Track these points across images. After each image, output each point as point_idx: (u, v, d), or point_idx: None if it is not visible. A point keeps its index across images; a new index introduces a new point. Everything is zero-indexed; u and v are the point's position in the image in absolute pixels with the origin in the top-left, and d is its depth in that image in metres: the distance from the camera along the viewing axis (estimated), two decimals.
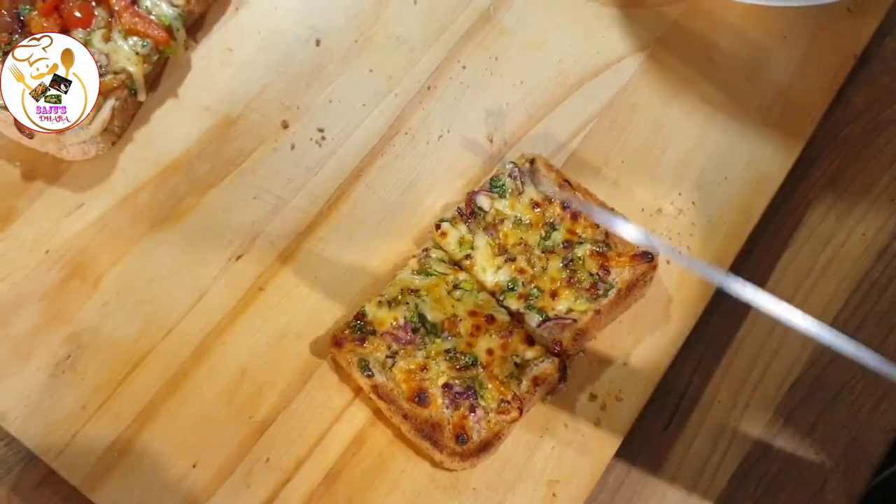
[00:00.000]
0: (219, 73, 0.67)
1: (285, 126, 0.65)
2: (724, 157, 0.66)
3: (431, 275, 0.57)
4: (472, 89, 0.68)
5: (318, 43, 0.69)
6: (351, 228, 0.62)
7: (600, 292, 0.57)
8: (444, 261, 0.58)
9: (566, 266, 0.58)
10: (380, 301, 0.56)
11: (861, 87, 0.72)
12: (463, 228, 0.59)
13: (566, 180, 0.61)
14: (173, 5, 0.66)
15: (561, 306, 0.57)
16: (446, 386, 0.54)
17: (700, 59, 0.70)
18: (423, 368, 0.54)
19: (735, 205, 0.64)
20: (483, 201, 0.60)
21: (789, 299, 0.61)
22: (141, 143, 0.65)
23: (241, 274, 0.60)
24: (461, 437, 0.52)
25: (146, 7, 0.65)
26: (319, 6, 0.70)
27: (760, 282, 0.64)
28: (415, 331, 0.56)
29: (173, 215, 0.62)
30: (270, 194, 0.63)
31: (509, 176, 0.61)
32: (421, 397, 0.53)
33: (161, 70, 0.67)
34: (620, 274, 0.58)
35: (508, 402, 0.53)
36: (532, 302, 0.57)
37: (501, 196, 0.60)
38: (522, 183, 0.61)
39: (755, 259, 0.65)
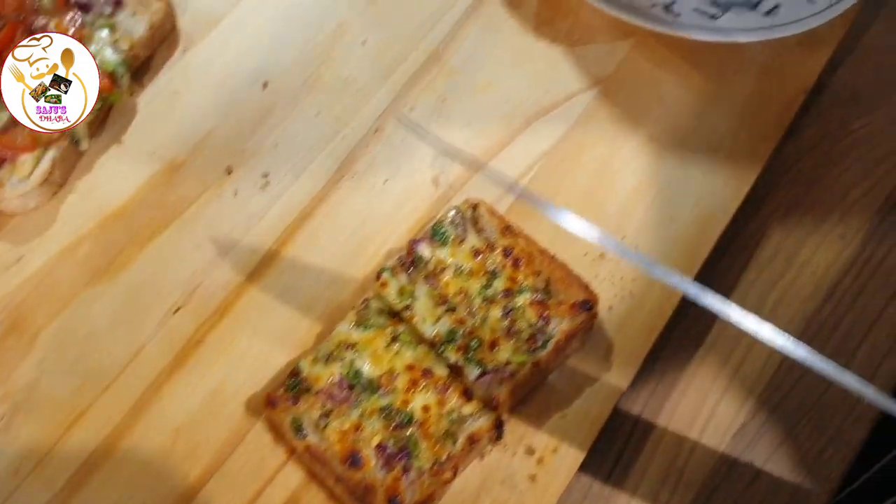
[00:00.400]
0: (165, 118, 0.67)
1: (229, 171, 0.65)
2: (671, 197, 0.66)
3: (370, 327, 0.57)
4: (419, 131, 0.67)
5: (265, 85, 0.69)
6: (292, 278, 0.62)
7: (539, 343, 0.57)
8: (384, 312, 0.58)
9: (506, 315, 0.58)
10: (315, 357, 0.56)
11: (813, 120, 0.72)
12: (404, 278, 0.59)
13: (508, 226, 0.61)
14: (117, 51, 0.65)
15: (500, 358, 0.57)
16: (380, 446, 0.54)
17: (648, 96, 0.69)
18: (357, 428, 0.54)
19: (681, 247, 0.64)
20: (424, 250, 0.60)
21: (735, 341, 0.61)
22: (83, 192, 0.64)
23: (180, 327, 0.60)
24: (394, 500, 0.52)
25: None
26: (268, 47, 0.70)
27: (707, 322, 0.64)
28: (351, 387, 0.56)
29: (113, 267, 0.62)
30: (212, 243, 0.62)
31: (451, 223, 0.61)
32: (354, 459, 0.53)
33: (105, 116, 0.66)
34: (560, 324, 0.57)
35: (442, 464, 0.53)
36: (471, 354, 0.57)
37: (443, 244, 0.60)
38: (464, 230, 0.60)
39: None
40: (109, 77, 0.63)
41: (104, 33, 0.65)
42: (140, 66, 0.68)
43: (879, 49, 0.75)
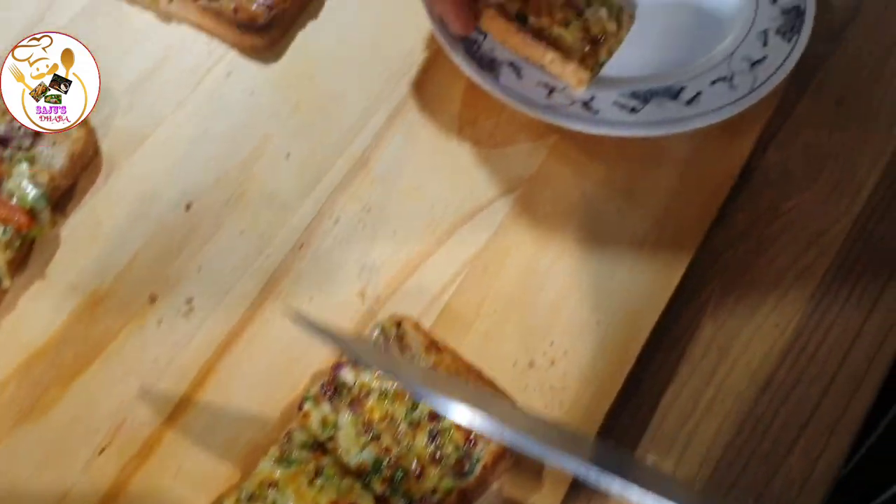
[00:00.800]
0: (88, 248, 0.67)
1: (153, 300, 0.65)
2: (598, 299, 0.65)
3: (293, 463, 0.56)
4: (344, 244, 0.67)
5: (188, 207, 0.68)
6: (218, 409, 0.61)
7: (466, 468, 0.56)
8: (307, 444, 0.57)
9: (432, 440, 0.57)
10: (238, 499, 0.55)
11: (743, 204, 0.72)
12: (326, 407, 0.58)
13: (434, 342, 0.60)
14: (37, 185, 0.65)
15: (426, 486, 0.56)
16: None
17: (572, 194, 0.69)
18: None
19: (609, 349, 0.63)
20: (347, 375, 0.59)
21: (671, 442, 0.61)
22: (6, 331, 0.64)
23: (105, 468, 0.59)
24: None
25: (8, 190, 0.64)
26: (190, 167, 0.70)
27: (641, 427, 0.63)
28: None
29: (38, 409, 0.61)
30: (136, 377, 0.62)
31: (374, 344, 0.60)
32: None
33: (28, 252, 0.66)
34: (487, 445, 0.57)
35: None
36: (397, 484, 0.56)
37: (367, 367, 0.59)
38: (389, 350, 0.60)
39: (635, 403, 0.64)
40: (29, 214, 0.63)
41: (23, 167, 0.65)
42: (62, 195, 0.67)
43: (807, 125, 0.75)
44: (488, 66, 0.70)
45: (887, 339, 0.67)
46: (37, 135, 0.68)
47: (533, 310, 0.64)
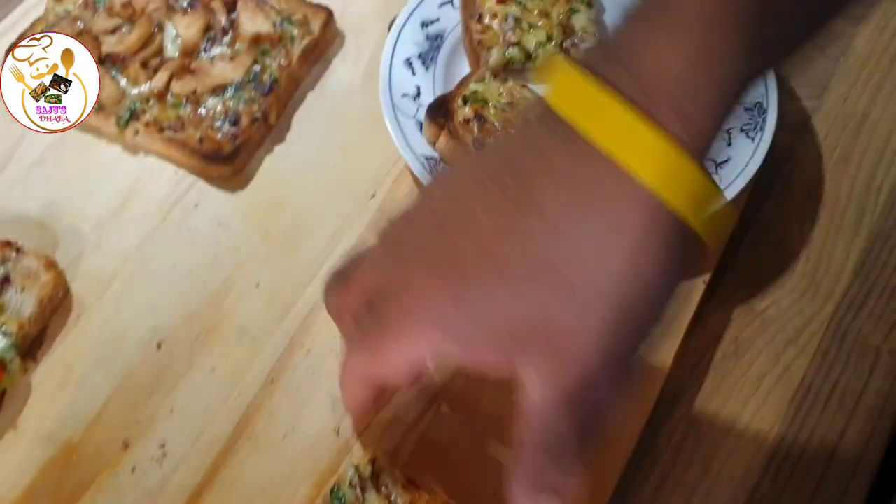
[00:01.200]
0: (60, 394, 0.66)
1: (126, 446, 0.64)
2: None
3: None
4: (316, 375, 0.67)
5: (159, 346, 0.68)
6: None
7: None
8: None
9: None
10: None
11: (717, 307, 0.71)
12: None
13: (411, 480, 0.59)
14: (6, 335, 0.65)
15: None
16: None
17: None
18: None
19: (591, 468, 0.62)
20: None
21: None
22: None
23: None
24: None
25: None
26: (160, 304, 0.70)
27: None
28: None
29: None
30: None
31: (350, 485, 0.59)
32: None
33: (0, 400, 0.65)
34: None
35: None
36: None
37: None
38: (363, 490, 0.59)
39: None
40: None
41: None
42: (32, 341, 0.66)
43: (778, 220, 0.75)
44: None
45: (872, 439, 0.66)
46: (4, 281, 0.67)
47: (510, 433, 0.63)
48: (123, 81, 0.77)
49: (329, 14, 0.81)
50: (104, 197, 0.75)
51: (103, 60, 0.77)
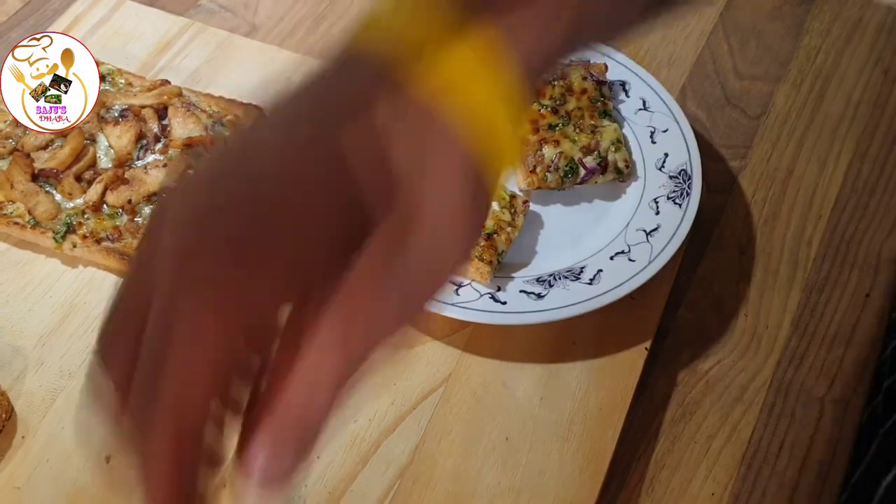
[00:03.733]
0: None
1: None
2: (531, 496, 0.65)
3: None
4: None
5: (107, 460, 0.67)
6: None
7: None
8: None
9: None
10: None
11: (662, 371, 0.72)
12: None
13: None
14: None
15: None
16: None
17: (493, 386, 0.69)
18: None
19: None
20: None
21: None
22: None
23: None
24: None
25: None
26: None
27: None
28: None
29: None
30: None
31: None
32: None
33: None
34: None
35: None
36: None
37: None
38: None
39: None
40: None
41: None
42: None
43: (714, 279, 0.76)
44: None
45: (825, 489, 0.67)
46: None
47: None
48: (58, 196, 0.77)
49: (260, 112, 0.82)
50: (44, 312, 0.74)
51: (36, 177, 0.77)
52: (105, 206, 0.76)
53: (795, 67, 0.90)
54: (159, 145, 0.80)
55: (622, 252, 0.71)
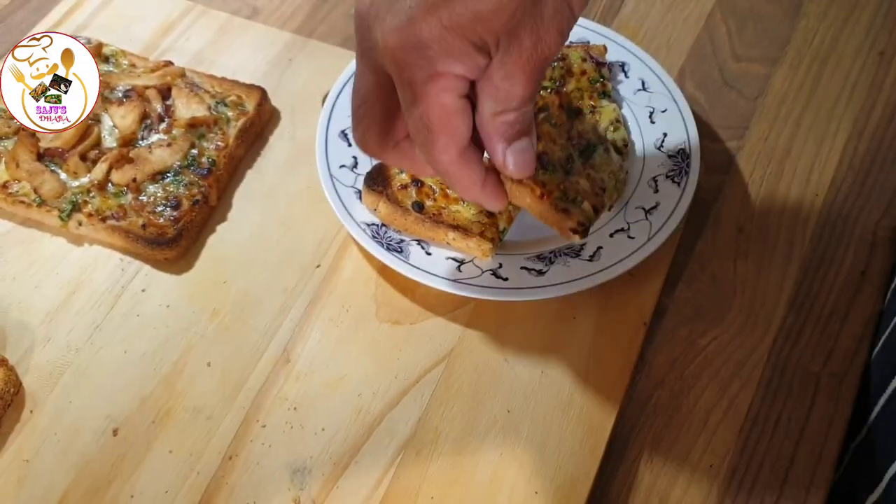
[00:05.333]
0: (17, 491, 0.66)
1: None
2: (533, 467, 0.66)
3: None
4: (273, 448, 0.67)
5: (115, 433, 0.68)
6: None
7: None
8: None
9: None
10: None
11: (661, 347, 0.73)
12: None
13: None
14: None
15: None
16: None
17: (495, 362, 0.70)
18: None
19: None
20: None
21: None
22: None
23: None
24: None
25: None
26: (113, 391, 0.70)
27: None
28: None
29: None
30: None
31: None
32: None
33: None
34: None
35: None
36: None
37: None
38: None
39: None
40: None
41: None
42: None
43: (712, 257, 0.77)
44: (396, 247, 0.73)
45: (821, 462, 0.68)
46: None
47: (470, 490, 0.64)
48: (63, 175, 0.77)
49: (263, 93, 0.83)
50: (51, 289, 0.75)
51: (42, 156, 0.78)
52: (110, 184, 0.77)
53: (793, 49, 0.91)
54: (163, 125, 0.80)
55: (622, 230, 0.72)
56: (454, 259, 0.71)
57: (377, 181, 0.73)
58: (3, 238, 0.78)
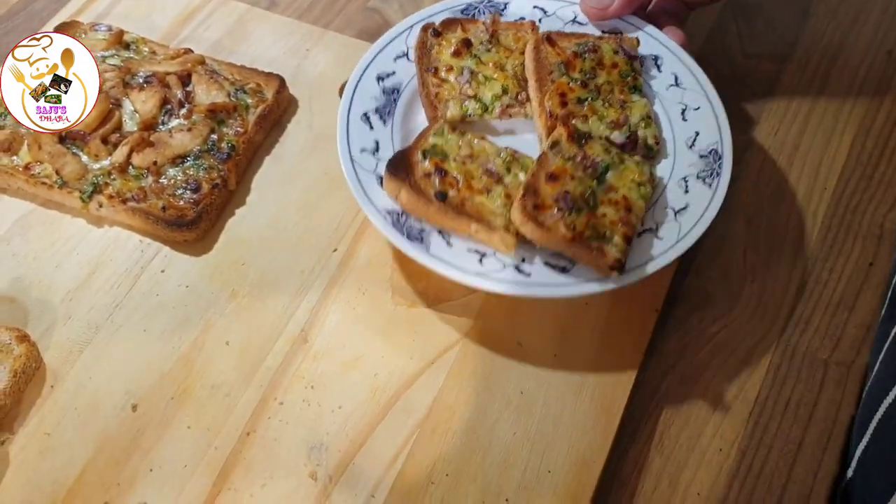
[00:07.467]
0: (38, 463, 0.67)
1: None
2: (546, 447, 0.67)
3: None
4: (291, 425, 0.68)
5: (134, 408, 0.69)
6: None
7: None
8: None
9: None
10: None
11: (671, 334, 0.74)
12: None
13: None
14: None
15: None
16: None
17: (508, 345, 0.71)
18: None
19: (563, 496, 0.65)
20: None
21: None
22: None
23: None
24: None
25: None
26: (133, 368, 0.71)
27: None
28: None
29: None
30: None
31: None
32: None
33: None
34: None
35: None
36: None
37: None
38: None
39: None
40: None
41: None
42: (8, 413, 0.68)
43: (722, 247, 0.78)
44: (417, 236, 0.70)
45: (829, 446, 0.69)
46: None
47: (484, 468, 0.66)
48: (85, 158, 0.79)
49: (281, 81, 0.85)
50: (72, 269, 0.76)
51: (63, 139, 0.79)
52: (131, 167, 0.78)
53: (802, 48, 0.92)
54: (183, 110, 0.82)
55: (650, 229, 0.71)
56: (476, 251, 0.69)
57: (400, 168, 0.70)
58: (26, 218, 0.79)
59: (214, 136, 0.79)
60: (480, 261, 0.68)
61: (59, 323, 0.73)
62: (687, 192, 0.72)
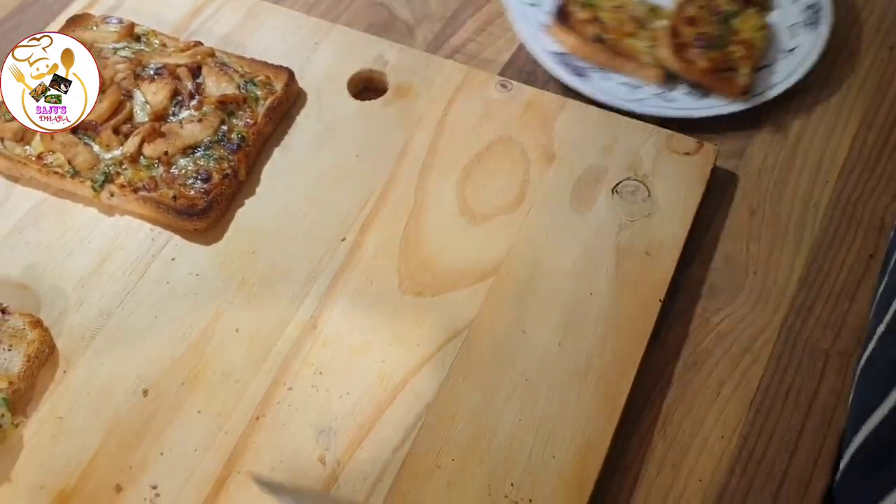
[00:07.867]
0: (51, 447, 0.68)
1: (119, 490, 0.66)
2: (551, 433, 0.68)
3: None
4: (299, 410, 0.70)
5: (145, 393, 0.70)
6: None
7: None
8: None
9: None
10: None
11: (674, 323, 0.75)
12: None
13: None
14: None
15: None
16: None
17: (513, 332, 0.73)
18: None
19: (567, 481, 0.66)
20: None
21: None
22: None
23: None
24: None
25: None
26: (144, 354, 0.72)
27: None
28: None
29: None
30: None
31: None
32: None
33: None
34: None
35: None
36: None
37: None
38: None
39: None
40: None
41: None
42: (22, 397, 0.69)
43: (725, 237, 0.80)
44: (578, 72, 0.88)
45: (829, 434, 0.70)
46: None
47: (490, 453, 0.67)
48: (96, 147, 0.80)
49: (290, 74, 0.86)
50: (83, 257, 0.78)
51: (76, 129, 0.80)
52: (142, 157, 0.80)
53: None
54: (194, 102, 0.83)
55: (768, 65, 0.90)
56: (630, 84, 0.87)
57: (563, 18, 0.89)
58: (38, 208, 0.80)
59: (224, 128, 0.81)
60: (633, 91, 0.86)
61: (71, 309, 0.74)
62: (795, 36, 0.90)
